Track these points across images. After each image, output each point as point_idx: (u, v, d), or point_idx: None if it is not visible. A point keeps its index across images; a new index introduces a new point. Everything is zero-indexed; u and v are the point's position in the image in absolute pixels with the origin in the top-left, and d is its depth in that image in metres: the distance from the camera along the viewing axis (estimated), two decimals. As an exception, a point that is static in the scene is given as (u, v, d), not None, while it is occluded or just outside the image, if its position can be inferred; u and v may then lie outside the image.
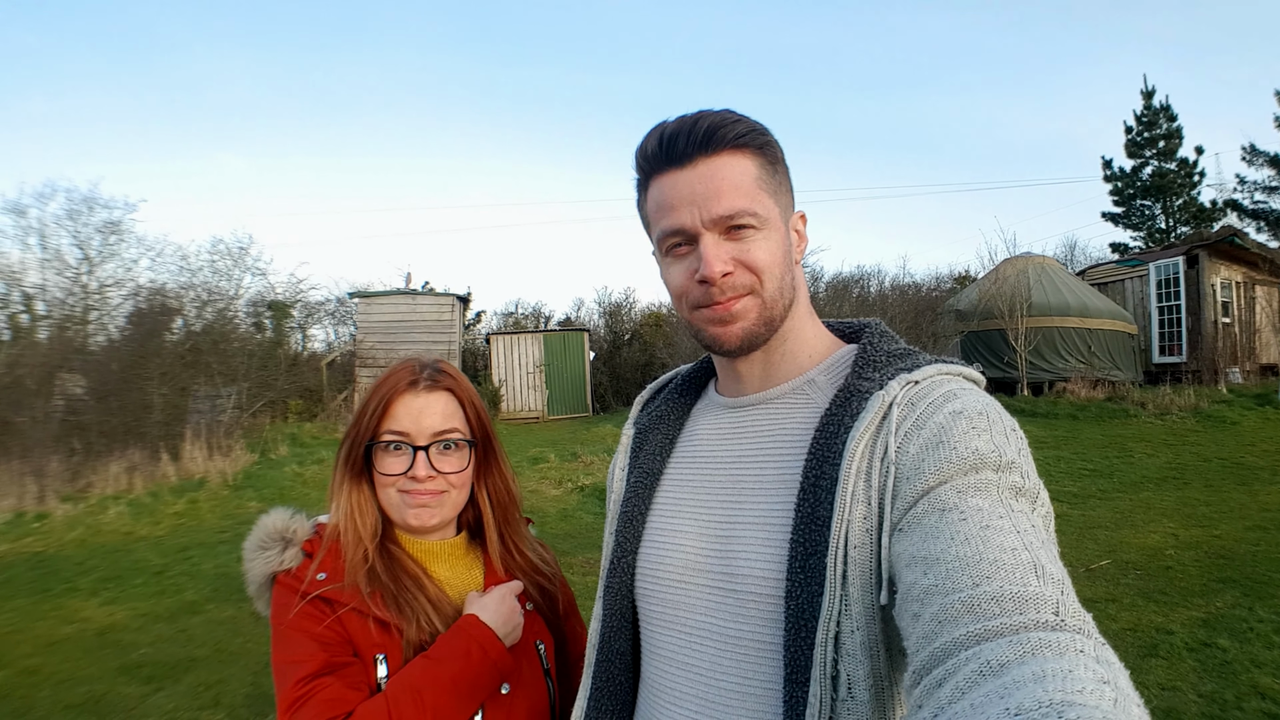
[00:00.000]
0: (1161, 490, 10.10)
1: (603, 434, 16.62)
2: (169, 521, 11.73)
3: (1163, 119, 32.74)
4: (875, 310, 18.18)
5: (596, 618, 1.39)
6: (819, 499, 1.07)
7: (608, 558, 1.39)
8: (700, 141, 1.19)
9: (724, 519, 1.23)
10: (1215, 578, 6.83)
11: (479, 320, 30.06)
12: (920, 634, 0.85)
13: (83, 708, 5.53)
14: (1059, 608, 0.79)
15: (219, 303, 19.29)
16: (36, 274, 17.49)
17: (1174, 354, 19.42)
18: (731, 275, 1.20)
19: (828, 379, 1.25)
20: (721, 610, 1.18)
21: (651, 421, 1.46)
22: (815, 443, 1.12)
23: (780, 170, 1.26)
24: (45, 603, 8.08)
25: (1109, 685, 0.66)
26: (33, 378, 15.39)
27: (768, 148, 1.23)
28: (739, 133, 1.20)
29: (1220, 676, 4.99)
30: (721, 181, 1.18)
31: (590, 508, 11.05)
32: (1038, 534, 0.91)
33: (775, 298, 1.23)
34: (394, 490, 1.62)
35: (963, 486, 0.96)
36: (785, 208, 1.26)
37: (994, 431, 1.02)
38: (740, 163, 1.20)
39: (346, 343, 23.78)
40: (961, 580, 0.84)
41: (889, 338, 1.28)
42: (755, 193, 1.20)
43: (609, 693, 1.36)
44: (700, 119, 1.20)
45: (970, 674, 0.73)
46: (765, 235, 1.21)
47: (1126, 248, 33.07)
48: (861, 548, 1.02)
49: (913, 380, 1.11)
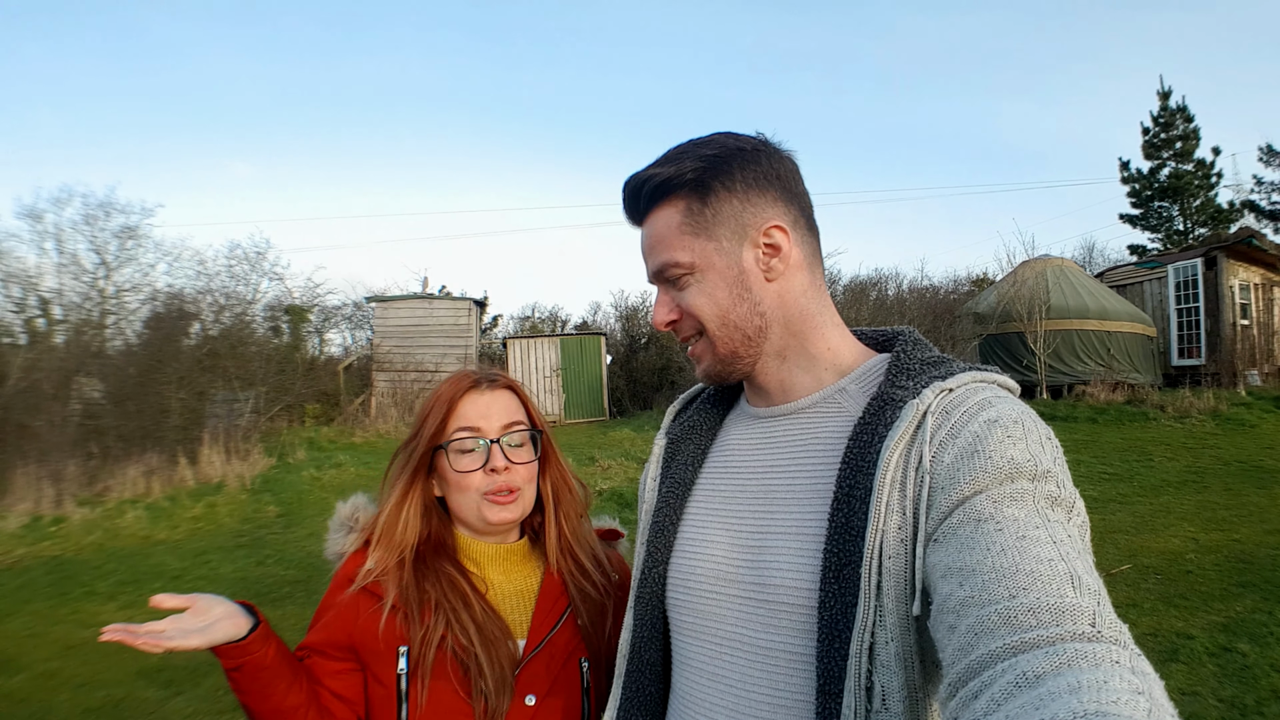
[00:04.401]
0: (1181, 494, 10.04)
1: (619, 438, 16.61)
2: (187, 525, 11.80)
3: (1180, 120, 32.54)
4: (893, 313, 18.14)
5: (627, 628, 1.39)
6: (853, 508, 1.06)
7: (639, 568, 1.39)
8: (630, 206, 1.32)
9: (756, 529, 1.22)
10: (1235, 582, 6.79)
11: (495, 324, 30.22)
12: (956, 646, 0.84)
13: (101, 711, 5.57)
14: (1095, 619, 0.79)
15: (236, 307, 19.41)
16: (53, 278, 17.62)
17: (1193, 356, 19.31)
18: (678, 321, 1.29)
19: (860, 388, 1.24)
20: (753, 620, 1.17)
21: (684, 432, 1.46)
22: (849, 452, 1.11)
23: (715, 200, 1.23)
24: (63, 606, 8.14)
25: (1143, 696, 0.66)
26: (50, 382, 15.49)
27: (697, 185, 1.23)
28: (659, 182, 1.24)
29: (1240, 681, 4.96)
30: (651, 239, 1.29)
31: (609, 512, 10.93)
32: (1074, 544, 0.90)
33: (725, 334, 1.26)
34: (475, 492, 1.65)
35: (998, 496, 0.95)
36: (727, 236, 1.23)
37: (1029, 440, 1.02)
38: (664, 215, 1.26)
39: (363, 347, 23.89)
40: (998, 592, 0.84)
41: (922, 345, 1.26)
42: (677, 240, 1.24)
43: (639, 703, 1.35)
44: (628, 185, 1.30)
45: (1006, 685, 0.73)
46: (698, 279, 1.25)
47: (1145, 249, 32.86)
48: (896, 558, 1.01)
49: (947, 388, 1.10)
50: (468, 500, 1.65)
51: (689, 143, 1.26)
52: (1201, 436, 13.16)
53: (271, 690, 1.48)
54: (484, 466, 1.64)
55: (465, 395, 1.68)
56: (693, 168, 1.23)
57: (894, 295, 20.48)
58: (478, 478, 1.63)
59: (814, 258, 1.30)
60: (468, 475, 1.64)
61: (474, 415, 1.66)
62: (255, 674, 1.46)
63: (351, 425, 19.13)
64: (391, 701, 1.53)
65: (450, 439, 1.65)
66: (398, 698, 1.52)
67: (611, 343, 25.57)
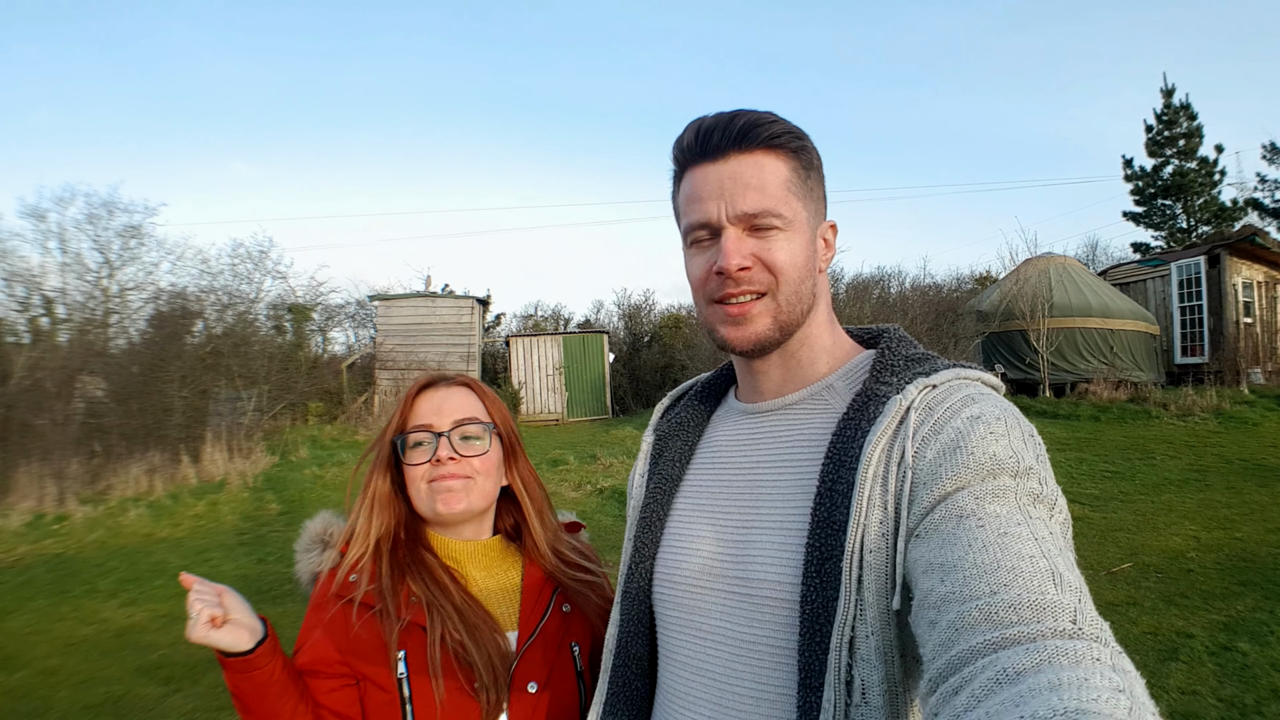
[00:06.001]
0: (1183, 492, 10.02)
1: (622, 436, 16.62)
2: (189, 523, 11.82)
3: (1183, 117, 32.44)
4: (895, 311, 18.09)
5: (614, 622, 1.40)
6: (835, 503, 1.06)
7: (625, 563, 1.40)
8: (735, 137, 1.20)
9: (741, 524, 1.22)
10: (1236, 581, 6.78)
11: (498, 322, 30.14)
12: (937, 641, 0.84)
13: (101, 708, 5.58)
14: (1076, 615, 0.79)
15: (239, 306, 19.43)
16: (57, 277, 17.63)
17: (1196, 354, 19.28)
18: (749, 270, 1.20)
19: (846, 384, 1.25)
20: (737, 615, 1.18)
21: (671, 428, 1.46)
22: (832, 447, 1.12)
23: (813, 177, 1.26)
24: (64, 604, 8.15)
25: (1124, 694, 0.66)
26: (53, 380, 15.50)
27: (803, 152, 1.23)
28: (774, 133, 1.20)
29: (1240, 680, 4.95)
30: (750, 179, 1.19)
31: (609, 510, 11.04)
32: (1055, 541, 0.91)
33: (792, 302, 1.22)
34: (422, 482, 1.68)
35: (980, 492, 0.95)
36: (814, 214, 1.26)
37: (1012, 437, 1.02)
38: (772, 163, 1.20)
39: (366, 345, 23.84)
40: (979, 588, 0.84)
41: (907, 342, 1.27)
42: (783, 194, 1.20)
43: (625, 697, 1.36)
44: (738, 116, 1.21)
45: (986, 682, 0.73)
46: (789, 237, 1.21)
47: (1148, 247, 32.78)
48: (878, 552, 1.01)
49: (930, 384, 1.10)
50: (419, 492, 1.69)
51: (769, 112, 1.24)
52: (1204, 435, 13.13)
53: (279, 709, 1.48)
54: (430, 459, 1.67)
55: (422, 393, 1.75)
56: (802, 137, 1.24)
57: (896, 293, 20.42)
58: (425, 469, 1.68)
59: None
60: (416, 467, 1.68)
61: (427, 412, 1.71)
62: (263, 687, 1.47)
63: (354, 424, 19.15)
64: (394, 706, 1.52)
65: (406, 433, 1.70)
66: (401, 701, 1.52)
67: (614, 341, 25.59)
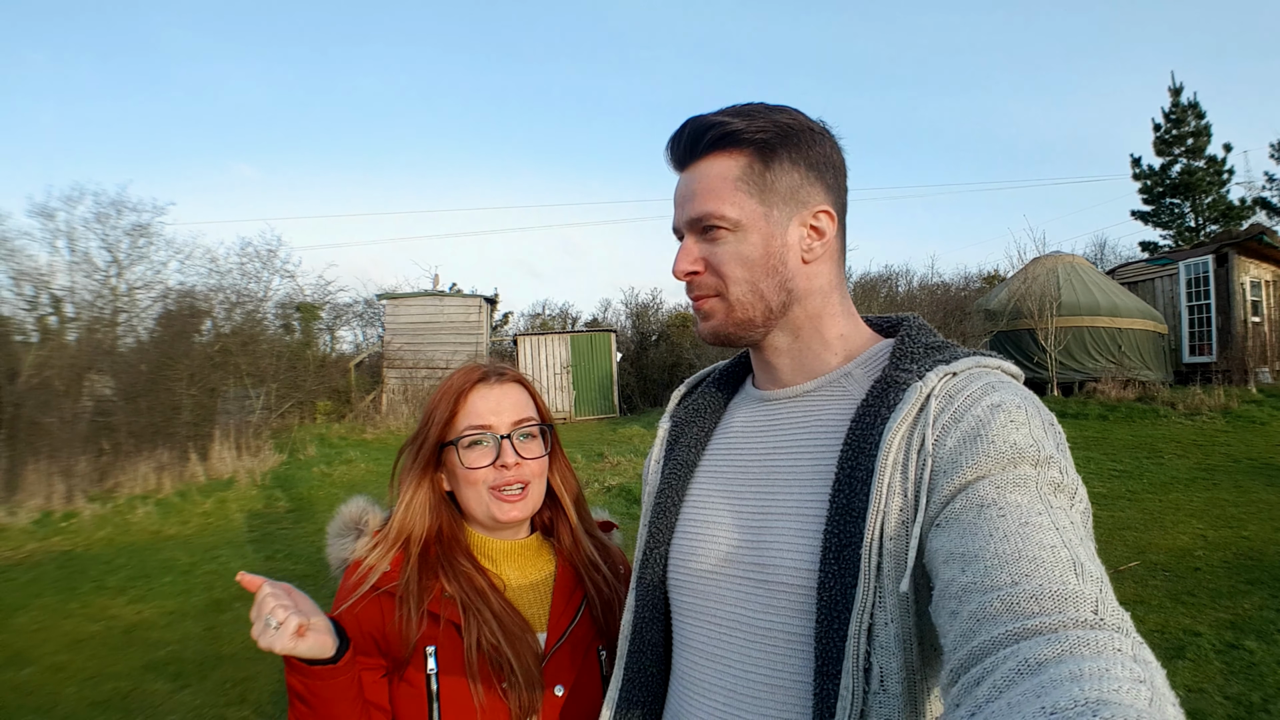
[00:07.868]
0: (1190, 491, 9.99)
1: (630, 435, 16.59)
2: (197, 521, 11.84)
3: (1191, 116, 32.30)
4: (904, 310, 17.99)
5: (629, 608, 1.39)
6: (854, 490, 1.06)
7: (640, 549, 1.40)
8: (687, 146, 1.25)
9: (757, 510, 1.22)
10: (1244, 579, 6.76)
11: (506, 321, 30.20)
12: (958, 632, 0.84)
13: (109, 704, 5.59)
14: (1098, 606, 0.78)
15: (248, 304, 19.38)
16: (65, 276, 17.63)
17: (1204, 354, 19.21)
18: (699, 275, 1.25)
19: (864, 372, 1.24)
20: (752, 601, 1.17)
21: (688, 415, 1.46)
22: (851, 433, 1.12)
23: (780, 166, 1.23)
24: (72, 600, 8.16)
25: (1144, 684, 0.65)
26: (62, 379, 15.50)
27: (765, 146, 1.22)
28: (727, 132, 1.21)
29: (1247, 679, 4.95)
30: (698, 185, 1.23)
31: (617, 508, 11.02)
32: (1076, 531, 0.90)
33: (745, 300, 1.24)
34: (483, 486, 1.63)
35: (1001, 481, 0.95)
36: (779, 205, 1.23)
37: (1032, 425, 1.01)
38: (721, 164, 1.23)
39: (374, 344, 23.86)
40: (1000, 578, 0.84)
41: (926, 331, 1.26)
42: (730, 194, 1.21)
43: (640, 684, 1.36)
44: (687, 124, 1.25)
45: (1008, 672, 0.73)
46: (737, 238, 1.22)
47: (1156, 246, 32.66)
48: (897, 540, 1.01)
49: (951, 372, 1.10)
50: (477, 496, 1.63)
51: (761, 104, 1.25)
52: (1212, 434, 13.09)
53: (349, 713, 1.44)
54: (494, 462, 1.62)
55: (474, 389, 1.66)
56: (765, 128, 1.22)
57: (904, 292, 20.41)
58: (487, 473, 1.62)
59: (843, 249, 1.32)
60: (477, 471, 1.62)
61: (484, 411, 1.64)
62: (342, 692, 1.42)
63: (362, 422, 19.17)
64: (420, 701, 1.50)
65: (461, 434, 1.63)
66: (428, 698, 1.50)
67: (622, 340, 25.56)
